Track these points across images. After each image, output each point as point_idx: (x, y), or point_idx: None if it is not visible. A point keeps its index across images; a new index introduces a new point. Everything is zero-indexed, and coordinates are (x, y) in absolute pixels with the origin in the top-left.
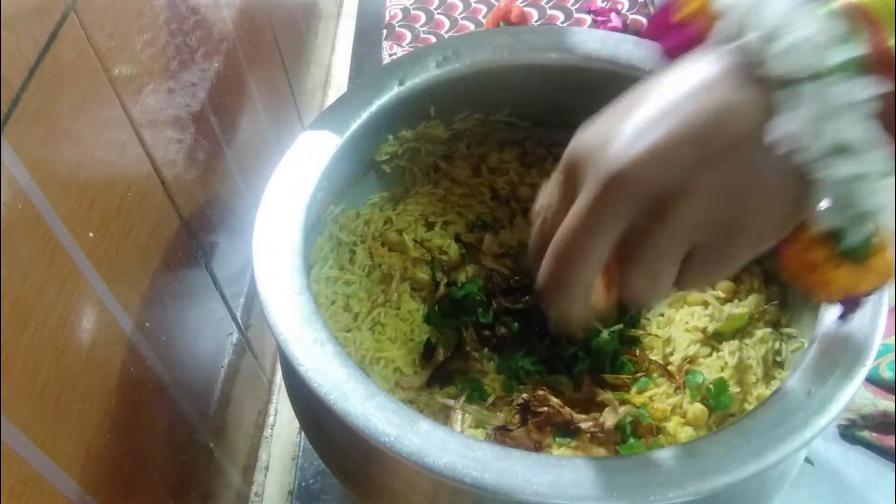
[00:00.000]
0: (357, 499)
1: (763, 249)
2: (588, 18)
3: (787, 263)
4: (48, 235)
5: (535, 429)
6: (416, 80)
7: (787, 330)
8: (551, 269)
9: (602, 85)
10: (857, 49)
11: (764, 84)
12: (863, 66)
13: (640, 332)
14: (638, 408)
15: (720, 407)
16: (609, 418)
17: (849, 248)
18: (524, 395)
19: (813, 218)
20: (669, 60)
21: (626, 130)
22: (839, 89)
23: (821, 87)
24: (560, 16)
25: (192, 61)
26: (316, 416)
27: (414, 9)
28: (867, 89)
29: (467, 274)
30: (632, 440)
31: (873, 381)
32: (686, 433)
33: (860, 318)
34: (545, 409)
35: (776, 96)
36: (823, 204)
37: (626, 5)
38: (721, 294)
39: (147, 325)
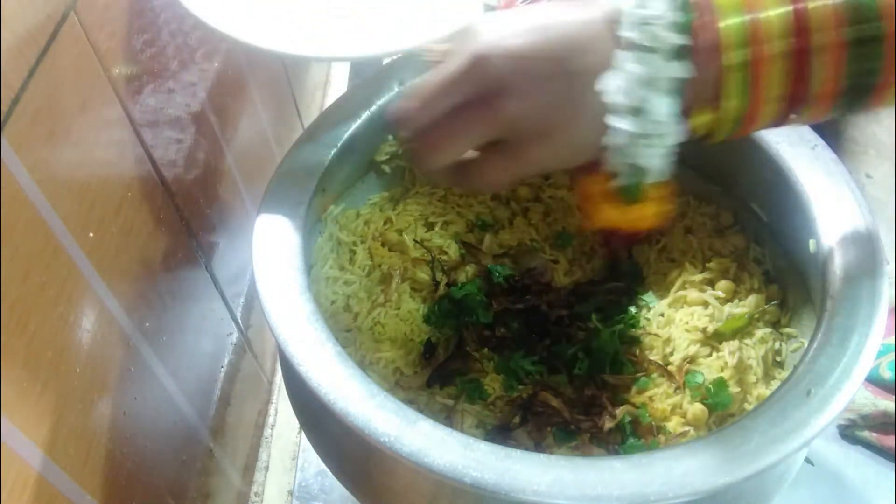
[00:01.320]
0: (357, 499)
1: (554, 166)
2: None
3: (577, 189)
4: (48, 235)
5: (535, 429)
6: (416, 80)
7: (787, 330)
8: (408, 105)
9: None
10: (683, 35)
11: (615, 41)
12: (682, 50)
13: (640, 331)
14: (638, 408)
15: (720, 407)
16: (608, 419)
17: (621, 189)
18: (524, 395)
19: (603, 157)
20: None
21: (506, 29)
22: (658, 64)
23: (647, 58)
24: None
25: (192, 61)
26: (316, 416)
27: None
28: (677, 71)
29: (467, 274)
30: (632, 440)
31: (873, 381)
32: (686, 433)
33: (860, 318)
34: (545, 409)
35: (617, 54)
36: (613, 148)
37: None
38: (721, 294)
39: (147, 325)
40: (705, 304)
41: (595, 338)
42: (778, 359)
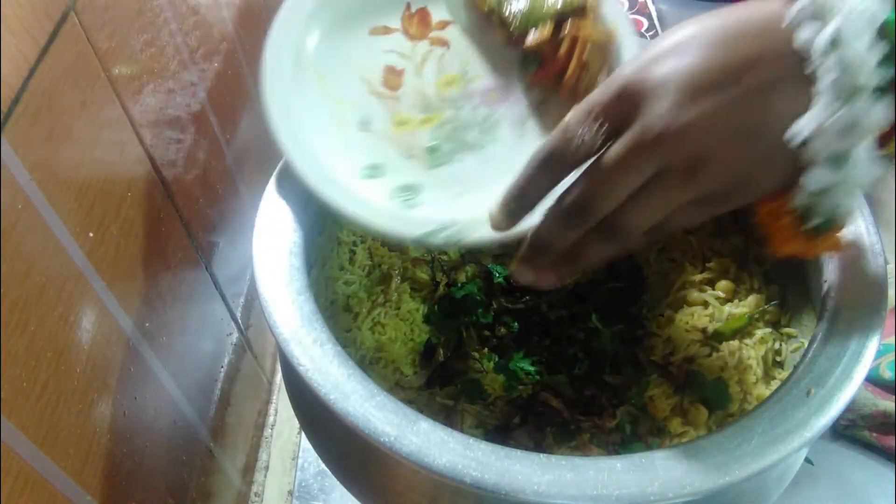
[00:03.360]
0: (357, 499)
1: (748, 202)
2: None
3: (760, 216)
4: (48, 235)
5: (535, 429)
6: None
7: (787, 330)
8: (579, 193)
9: None
10: (888, 74)
11: (809, 80)
12: (885, 91)
13: (640, 331)
14: (638, 408)
15: (720, 407)
16: (608, 419)
17: (811, 227)
18: (524, 395)
19: (794, 192)
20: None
21: (679, 83)
22: (861, 108)
23: (849, 100)
24: None
25: (192, 61)
26: (316, 416)
27: None
28: (882, 113)
29: (467, 274)
30: (632, 440)
31: (873, 381)
32: (686, 433)
33: (860, 318)
34: (545, 409)
35: (814, 93)
36: (809, 192)
37: (627, 5)
38: (721, 294)
39: (147, 325)
40: (705, 304)
41: (595, 338)
42: (778, 359)
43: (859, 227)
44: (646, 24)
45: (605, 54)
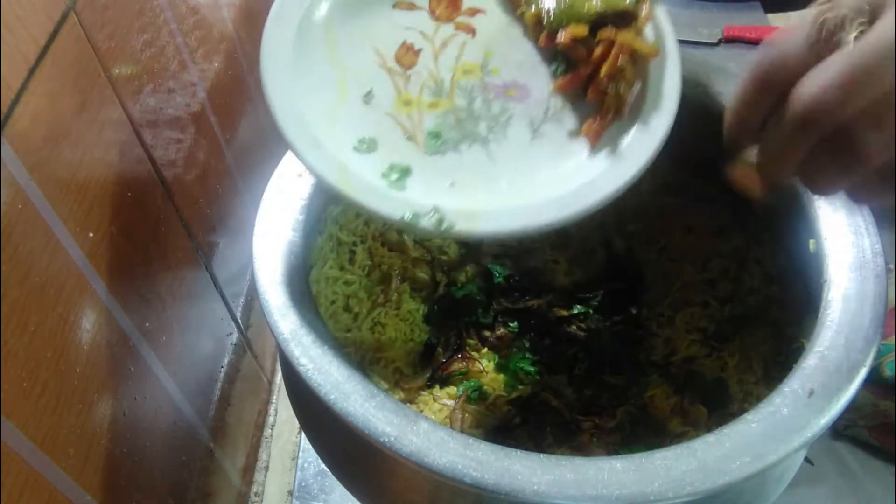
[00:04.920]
0: (357, 499)
1: None
2: None
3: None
4: (48, 235)
5: (535, 429)
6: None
7: (786, 330)
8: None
9: None
10: None
11: None
12: None
13: (640, 331)
14: (638, 408)
15: (720, 407)
16: (608, 419)
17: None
18: (524, 395)
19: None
20: None
21: None
22: None
23: None
24: None
25: (192, 61)
26: (316, 416)
27: None
28: None
29: (467, 274)
30: (632, 440)
31: (873, 381)
32: (686, 433)
33: (860, 318)
34: (545, 409)
35: None
36: None
37: None
38: (721, 294)
39: (147, 325)
40: (705, 304)
41: (595, 338)
42: (778, 359)
43: (859, 227)
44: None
45: (644, 69)
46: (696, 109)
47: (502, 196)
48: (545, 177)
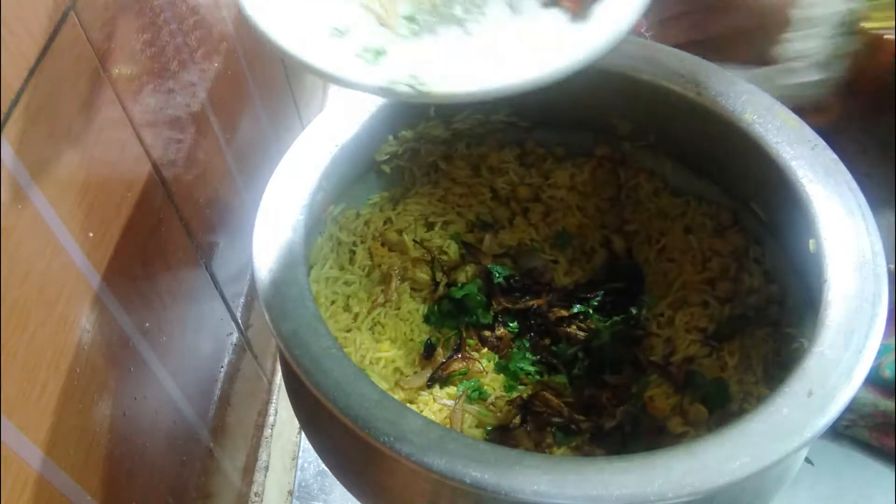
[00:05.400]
0: (357, 499)
1: None
2: None
3: None
4: (48, 235)
5: (535, 429)
6: None
7: (787, 330)
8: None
9: (601, 86)
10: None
11: None
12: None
13: (640, 332)
14: (638, 408)
15: (720, 407)
16: (608, 419)
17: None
18: (524, 395)
19: None
20: None
21: None
22: None
23: None
24: None
25: (192, 61)
26: (316, 416)
27: None
28: None
29: (467, 274)
30: (632, 440)
31: (873, 381)
32: (686, 433)
33: (860, 318)
34: (545, 409)
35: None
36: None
37: None
38: (721, 294)
39: (147, 325)
40: (705, 304)
41: (595, 338)
42: (778, 359)
43: (859, 227)
44: (646, 24)
45: None
46: (696, 109)
47: (483, 63)
48: (526, 44)
